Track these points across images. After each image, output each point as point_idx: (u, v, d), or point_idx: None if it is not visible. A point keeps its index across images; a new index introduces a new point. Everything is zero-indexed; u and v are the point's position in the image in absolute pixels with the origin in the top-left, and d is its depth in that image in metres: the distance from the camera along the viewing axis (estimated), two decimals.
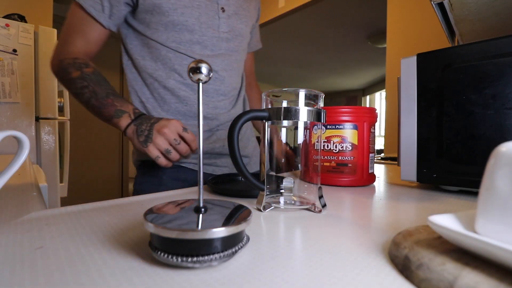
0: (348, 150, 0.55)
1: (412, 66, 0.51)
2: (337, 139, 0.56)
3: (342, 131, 0.55)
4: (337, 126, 0.56)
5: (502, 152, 0.19)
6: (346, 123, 0.55)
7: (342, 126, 0.55)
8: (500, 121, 0.43)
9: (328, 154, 0.57)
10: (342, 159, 0.55)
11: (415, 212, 0.38)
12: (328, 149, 0.56)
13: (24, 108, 1.66)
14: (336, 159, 0.56)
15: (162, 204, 0.27)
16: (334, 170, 0.56)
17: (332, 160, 0.56)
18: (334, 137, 0.56)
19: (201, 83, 0.26)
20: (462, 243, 0.19)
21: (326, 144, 0.56)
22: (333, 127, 0.56)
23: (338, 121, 0.55)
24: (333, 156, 0.56)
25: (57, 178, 1.82)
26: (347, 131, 0.55)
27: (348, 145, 0.55)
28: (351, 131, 0.55)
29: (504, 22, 0.61)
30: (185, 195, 0.47)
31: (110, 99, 0.60)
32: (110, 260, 0.22)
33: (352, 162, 0.55)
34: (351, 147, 0.55)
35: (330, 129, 0.56)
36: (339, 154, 0.56)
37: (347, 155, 0.55)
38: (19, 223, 0.31)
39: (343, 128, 0.55)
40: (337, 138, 0.56)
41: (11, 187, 0.52)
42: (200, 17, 0.68)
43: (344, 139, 0.55)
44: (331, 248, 0.25)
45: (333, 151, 0.56)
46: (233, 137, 0.37)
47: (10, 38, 1.60)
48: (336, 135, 0.56)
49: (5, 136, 0.31)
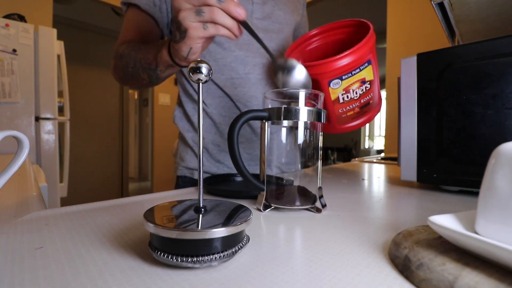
0: (366, 90, 0.50)
1: (412, 66, 0.51)
2: (356, 84, 0.50)
3: (360, 74, 0.49)
4: (353, 72, 0.49)
5: (502, 152, 0.19)
6: (361, 64, 0.49)
7: (358, 69, 0.49)
8: (500, 121, 0.43)
9: (349, 103, 0.51)
10: (364, 100, 0.51)
11: (415, 212, 0.38)
12: (348, 99, 0.51)
13: (24, 108, 1.66)
14: (359, 104, 0.51)
15: (162, 204, 0.27)
16: (359, 115, 0.51)
17: (354, 107, 0.51)
18: (353, 84, 0.50)
19: (201, 83, 0.26)
20: (462, 243, 0.19)
21: (345, 95, 0.51)
22: (349, 75, 0.50)
23: (352, 67, 0.49)
24: (355, 103, 0.51)
25: (57, 178, 1.82)
26: (364, 71, 0.50)
27: (367, 85, 0.50)
28: (367, 69, 0.49)
29: (504, 22, 0.61)
30: (185, 195, 0.47)
31: (152, 44, 0.58)
32: (110, 260, 0.22)
33: (372, 97, 0.51)
34: (369, 84, 0.50)
35: (346, 79, 0.50)
36: (361, 97, 0.51)
37: (367, 94, 0.50)
38: (19, 223, 0.31)
39: (360, 71, 0.49)
40: (356, 83, 0.50)
41: (11, 187, 0.52)
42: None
43: (363, 81, 0.50)
44: (331, 248, 0.25)
45: (354, 98, 0.51)
46: (233, 137, 0.36)
47: (10, 38, 1.60)
48: (354, 82, 0.50)
49: (5, 136, 0.31)
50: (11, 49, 1.60)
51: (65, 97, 1.90)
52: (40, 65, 1.71)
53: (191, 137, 0.73)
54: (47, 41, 1.74)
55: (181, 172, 0.74)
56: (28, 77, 1.66)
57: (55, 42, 1.79)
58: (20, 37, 1.63)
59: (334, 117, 0.49)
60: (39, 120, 1.73)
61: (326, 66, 0.50)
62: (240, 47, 0.68)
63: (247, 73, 0.69)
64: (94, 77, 3.39)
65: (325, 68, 0.50)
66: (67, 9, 2.95)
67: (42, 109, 1.73)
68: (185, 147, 0.75)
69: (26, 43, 1.65)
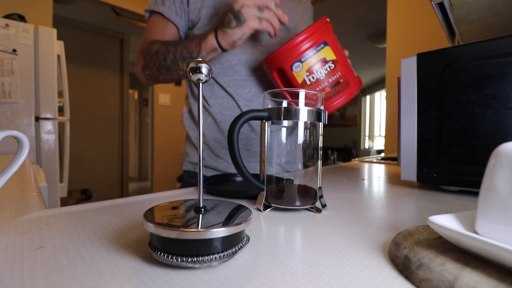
0: (332, 69, 0.54)
1: (412, 66, 0.51)
2: (318, 64, 0.54)
3: (318, 55, 0.54)
4: (310, 53, 0.54)
5: (502, 152, 0.19)
6: (316, 46, 0.53)
7: (314, 50, 0.54)
8: (500, 121, 0.43)
9: (317, 84, 0.55)
10: (333, 79, 0.54)
11: (415, 212, 0.38)
12: (315, 80, 0.55)
13: (24, 108, 1.66)
14: (328, 83, 0.55)
15: (162, 204, 0.27)
16: (332, 94, 0.55)
17: (324, 87, 0.55)
18: (314, 64, 0.54)
19: (201, 83, 0.26)
20: (462, 243, 0.19)
21: (310, 76, 0.55)
22: (307, 57, 0.54)
23: (307, 48, 0.54)
24: (323, 83, 0.55)
25: (57, 178, 1.82)
26: (322, 52, 0.54)
27: (330, 64, 0.54)
28: (324, 49, 0.54)
29: (504, 22, 0.61)
30: (185, 195, 0.47)
31: (191, 37, 0.67)
32: (110, 260, 0.22)
33: (342, 76, 0.54)
34: (333, 64, 0.54)
35: (305, 61, 0.54)
36: (327, 77, 0.54)
37: (334, 73, 0.54)
38: (19, 223, 0.31)
39: (317, 52, 0.54)
40: (318, 63, 0.54)
41: (11, 187, 0.52)
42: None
43: (324, 61, 0.54)
44: (331, 248, 0.25)
45: (321, 79, 0.55)
46: (233, 137, 0.36)
47: (10, 38, 1.59)
48: (315, 62, 0.54)
49: (5, 136, 0.31)
50: (11, 49, 1.60)
51: (65, 97, 1.90)
52: (40, 65, 1.71)
53: (195, 135, 0.78)
54: (47, 41, 1.74)
55: (186, 166, 0.80)
56: (28, 77, 1.66)
57: (55, 42, 1.79)
58: (20, 37, 1.63)
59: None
60: (39, 120, 1.73)
61: (283, 51, 0.55)
62: (244, 51, 0.73)
63: (250, 75, 0.74)
64: (94, 77, 3.38)
65: (283, 53, 0.55)
66: (67, 9, 2.95)
67: (42, 109, 1.73)
68: (189, 144, 0.81)
69: (26, 43, 1.65)
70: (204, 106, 0.76)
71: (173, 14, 0.71)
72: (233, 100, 0.74)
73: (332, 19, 0.61)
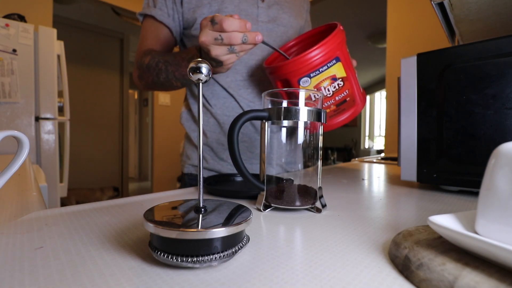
0: (341, 86, 0.51)
1: (412, 66, 0.51)
2: (327, 82, 0.51)
3: (328, 71, 0.50)
4: (320, 70, 0.50)
5: (502, 152, 0.19)
6: (329, 62, 0.49)
7: (325, 66, 0.50)
8: (500, 121, 0.43)
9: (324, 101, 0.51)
10: (339, 98, 0.51)
11: (415, 212, 0.38)
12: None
13: (24, 108, 1.66)
14: (334, 101, 0.52)
15: (162, 204, 0.27)
16: (336, 112, 0.52)
17: (330, 105, 0.52)
18: (323, 81, 0.51)
19: (201, 83, 0.26)
20: (462, 243, 0.19)
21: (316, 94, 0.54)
22: (317, 73, 0.50)
23: (319, 64, 0.50)
24: (330, 100, 0.52)
25: (57, 178, 1.82)
26: (332, 68, 0.50)
27: (339, 82, 0.50)
28: (336, 65, 0.50)
29: (504, 22, 0.61)
30: (185, 195, 0.47)
31: (179, 57, 0.62)
32: (110, 260, 0.22)
33: (349, 94, 0.51)
34: (342, 81, 0.50)
35: (314, 76, 0.50)
36: (335, 95, 0.51)
37: (342, 91, 0.51)
38: (19, 223, 0.31)
39: (328, 68, 0.50)
40: (326, 81, 0.51)
41: (11, 187, 0.52)
42: (240, 4, 0.71)
43: (334, 78, 0.50)
44: (331, 248, 0.25)
45: (328, 96, 0.52)
46: (233, 137, 0.36)
47: (10, 38, 1.59)
48: (324, 79, 0.51)
49: (5, 136, 0.31)
50: (11, 49, 1.60)
51: (65, 97, 1.90)
52: (40, 65, 1.71)
53: (196, 136, 0.77)
54: (47, 41, 1.74)
55: (187, 169, 0.78)
56: (28, 77, 1.66)
57: (55, 42, 1.79)
58: (20, 37, 1.63)
59: None
60: (39, 120, 1.73)
61: (292, 64, 0.51)
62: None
63: (251, 75, 0.73)
64: (94, 77, 3.39)
65: (291, 67, 0.51)
66: (67, 9, 2.95)
67: (42, 109, 1.73)
68: (191, 146, 0.79)
69: (26, 43, 1.65)
70: (206, 107, 0.75)
71: (165, 15, 0.70)
72: (235, 101, 0.73)
73: (332, 19, 0.60)
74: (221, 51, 0.50)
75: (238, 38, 0.48)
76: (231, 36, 0.48)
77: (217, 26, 0.48)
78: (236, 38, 0.48)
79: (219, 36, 0.48)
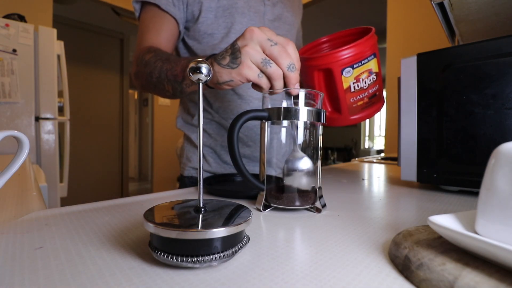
0: (373, 81, 0.54)
1: (412, 66, 0.51)
2: (365, 74, 0.54)
3: (368, 64, 0.54)
4: (362, 62, 0.54)
5: (502, 152, 0.19)
6: (369, 56, 0.53)
7: (366, 59, 0.54)
8: (500, 121, 0.43)
9: (359, 93, 0.55)
10: (372, 91, 0.54)
11: (415, 212, 0.38)
12: (359, 88, 0.55)
13: (24, 108, 1.66)
14: (368, 94, 0.55)
15: (162, 204, 0.27)
16: (368, 105, 0.55)
17: (364, 97, 0.55)
18: (362, 73, 0.54)
19: (201, 83, 0.26)
20: (462, 243, 0.19)
21: (356, 84, 0.55)
22: (359, 64, 0.54)
23: (362, 56, 0.53)
24: (364, 93, 0.55)
25: (57, 178, 1.82)
26: (371, 62, 0.54)
27: (373, 76, 0.54)
28: (373, 60, 0.54)
29: (504, 22, 0.61)
30: (185, 195, 0.47)
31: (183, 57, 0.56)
32: (110, 260, 0.22)
33: (379, 89, 0.55)
34: (376, 76, 0.54)
35: (357, 67, 0.54)
36: (369, 87, 0.54)
37: (375, 85, 0.54)
38: (19, 223, 0.31)
39: (368, 61, 0.54)
40: (365, 73, 0.54)
41: (11, 187, 0.52)
42: (250, 1, 0.70)
43: (370, 72, 0.54)
44: (331, 248, 0.25)
45: (363, 88, 0.55)
46: (233, 137, 0.36)
47: (10, 38, 1.59)
48: (364, 71, 0.54)
49: (5, 136, 0.31)
50: (11, 49, 1.60)
51: (65, 97, 1.90)
52: (40, 65, 1.71)
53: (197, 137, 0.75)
54: (47, 41, 1.74)
55: (188, 172, 0.75)
56: (28, 77, 1.66)
57: (55, 42, 1.79)
58: (20, 37, 1.63)
59: (346, 107, 0.54)
60: (39, 120, 1.73)
61: (339, 54, 0.54)
62: None
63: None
64: (94, 77, 3.39)
65: (338, 56, 0.55)
66: (67, 9, 2.95)
67: (42, 109, 1.73)
68: (192, 148, 0.76)
69: (26, 43, 1.65)
70: (207, 111, 0.72)
71: (171, 5, 0.63)
72: (243, 102, 0.70)
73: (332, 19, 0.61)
74: (255, 53, 0.40)
75: (287, 61, 0.39)
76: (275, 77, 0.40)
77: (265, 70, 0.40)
78: (285, 59, 0.39)
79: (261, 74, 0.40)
